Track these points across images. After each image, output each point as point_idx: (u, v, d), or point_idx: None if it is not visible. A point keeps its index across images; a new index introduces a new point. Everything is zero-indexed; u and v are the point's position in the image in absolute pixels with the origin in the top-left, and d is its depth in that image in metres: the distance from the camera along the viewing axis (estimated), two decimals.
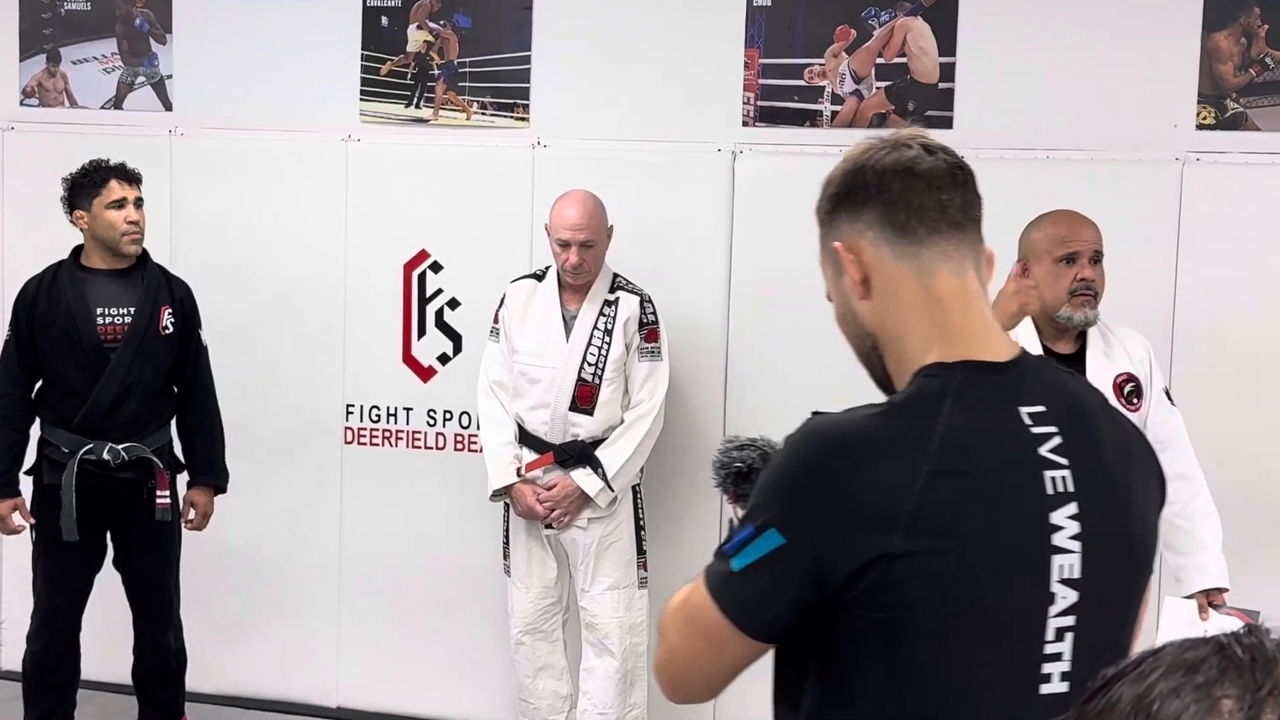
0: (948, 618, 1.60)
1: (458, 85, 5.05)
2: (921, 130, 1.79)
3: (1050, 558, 1.63)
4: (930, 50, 4.64)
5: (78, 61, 5.41)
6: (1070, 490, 1.65)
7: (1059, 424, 1.67)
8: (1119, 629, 1.74)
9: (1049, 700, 1.64)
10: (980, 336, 1.70)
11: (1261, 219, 4.43)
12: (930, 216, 1.69)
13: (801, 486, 1.63)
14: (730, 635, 1.66)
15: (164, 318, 4.54)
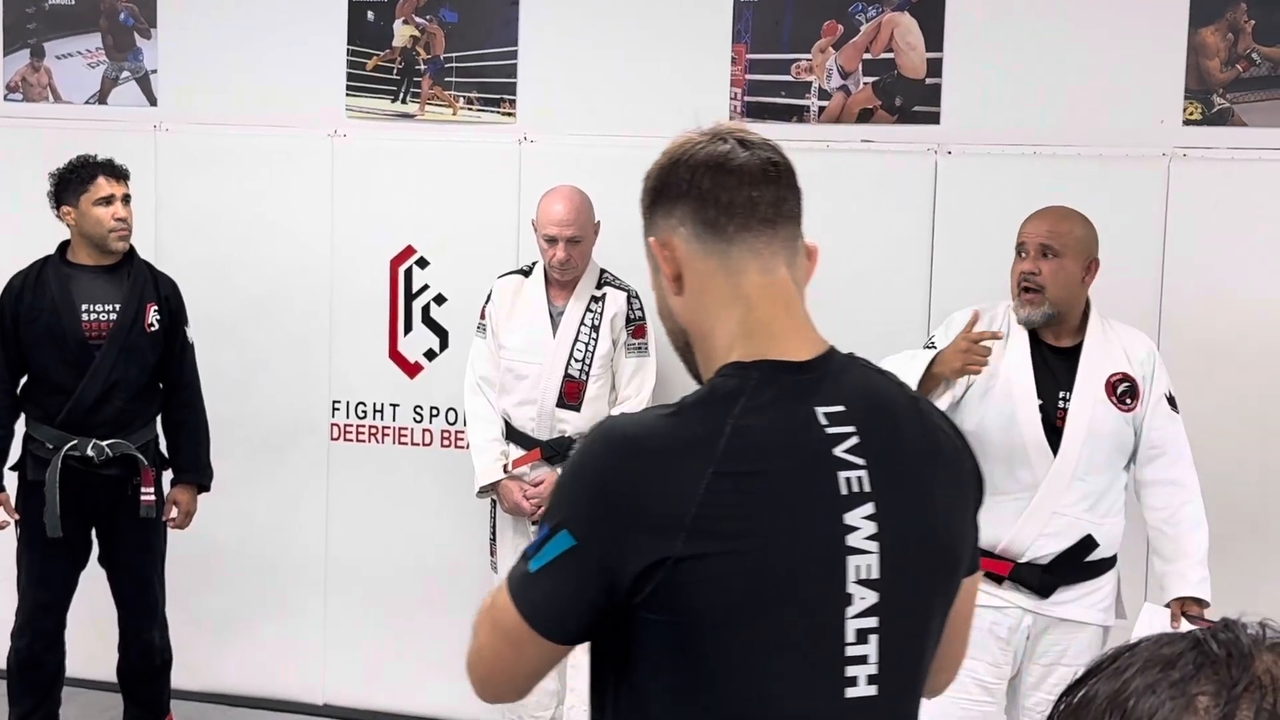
0: (737, 621, 1.57)
1: (444, 80, 5.03)
2: (742, 125, 1.78)
3: (845, 558, 1.60)
4: (917, 46, 4.63)
5: (62, 56, 5.39)
6: (866, 491, 1.62)
7: (857, 424, 1.64)
8: (929, 630, 1.71)
9: (856, 704, 1.62)
10: (784, 335, 1.68)
11: (1248, 214, 4.43)
12: (740, 213, 1.68)
13: (589, 488, 1.61)
14: (527, 636, 1.63)
15: (149, 315, 4.53)
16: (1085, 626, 3.62)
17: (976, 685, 3.68)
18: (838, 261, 4.70)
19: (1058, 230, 3.62)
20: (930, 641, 1.72)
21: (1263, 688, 0.81)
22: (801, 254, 1.75)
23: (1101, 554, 3.64)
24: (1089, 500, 3.59)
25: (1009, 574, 3.62)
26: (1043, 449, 3.59)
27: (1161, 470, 3.62)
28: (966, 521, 1.77)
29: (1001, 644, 3.66)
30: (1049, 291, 3.59)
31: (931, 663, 1.75)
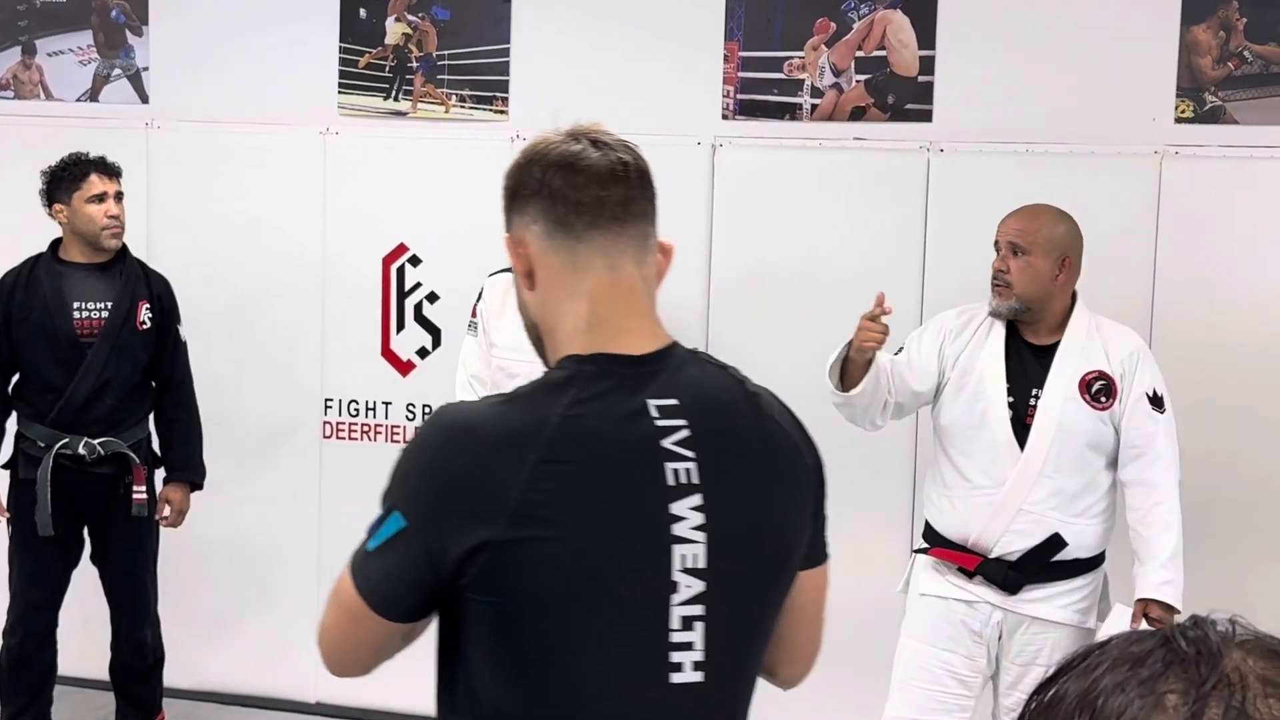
0: (558, 604, 1.63)
1: (436, 78, 5.03)
2: (600, 125, 1.83)
3: (671, 547, 1.65)
4: (910, 43, 4.63)
5: (53, 54, 5.38)
6: (695, 482, 1.67)
7: (690, 417, 1.69)
8: (758, 620, 1.77)
9: (682, 689, 1.68)
10: (625, 330, 1.74)
11: (1240, 212, 4.43)
12: (589, 212, 1.73)
13: (419, 472, 1.68)
14: (365, 613, 1.70)
15: (141, 313, 4.52)
16: (1060, 627, 3.61)
17: (951, 677, 3.69)
18: (830, 259, 4.72)
19: (1026, 229, 3.66)
20: (761, 631, 1.78)
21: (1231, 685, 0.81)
22: (653, 252, 1.80)
23: (1074, 554, 3.62)
24: (1058, 499, 3.59)
25: (976, 569, 3.64)
26: (1011, 446, 3.60)
27: (1138, 470, 3.62)
28: (802, 516, 1.82)
29: (975, 637, 3.67)
30: (1016, 287, 3.63)
31: (764, 652, 1.81)
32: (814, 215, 4.72)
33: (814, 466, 1.85)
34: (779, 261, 4.74)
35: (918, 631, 3.76)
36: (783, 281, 4.74)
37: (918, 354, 3.75)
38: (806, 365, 4.62)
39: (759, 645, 1.79)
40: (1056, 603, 3.63)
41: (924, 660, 3.72)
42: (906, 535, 4.57)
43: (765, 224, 4.76)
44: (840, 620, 4.87)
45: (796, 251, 4.73)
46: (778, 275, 4.75)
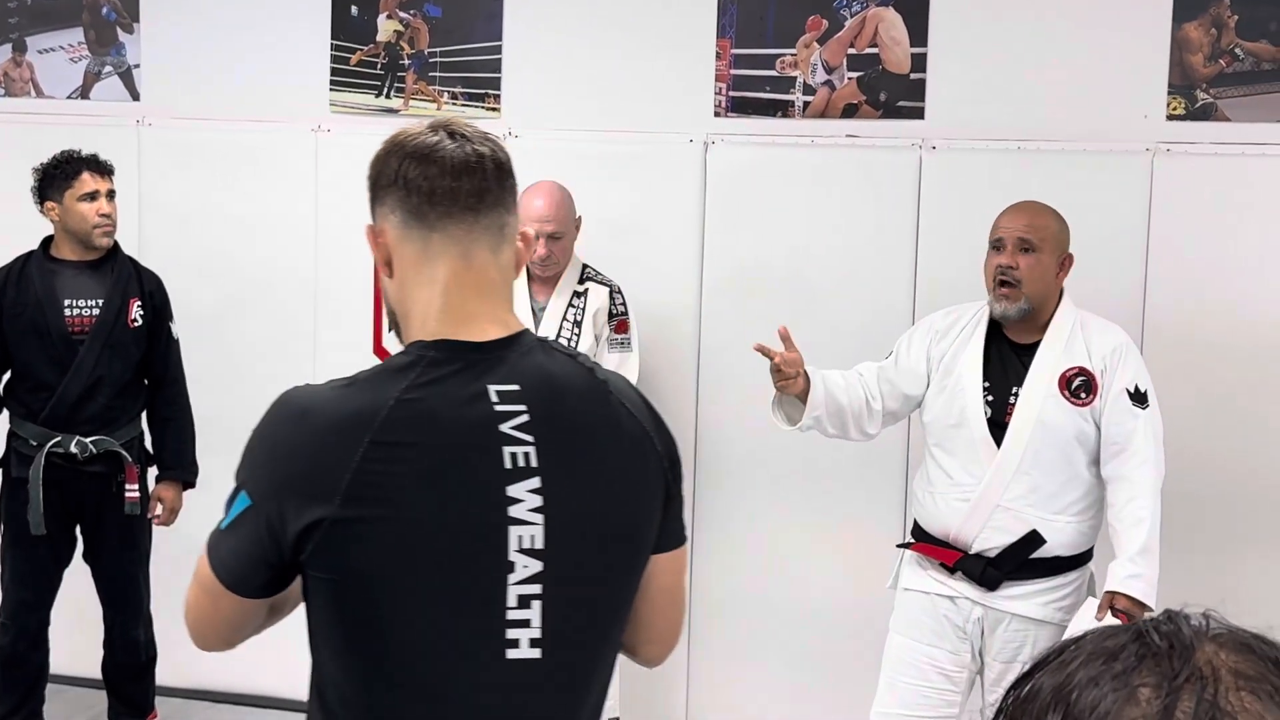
0: (392, 582, 1.69)
1: (428, 75, 5.02)
2: (458, 117, 1.90)
3: (507, 528, 1.72)
4: (902, 41, 4.63)
5: (44, 51, 5.36)
6: (533, 466, 1.73)
7: (530, 403, 1.75)
8: (603, 600, 1.82)
9: (519, 665, 1.74)
10: (472, 318, 1.80)
11: (1231, 209, 4.44)
12: (442, 202, 1.78)
13: (262, 452, 1.76)
14: (219, 589, 1.78)
15: (133, 310, 4.51)
16: (1042, 624, 3.60)
17: (938, 673, 3.70)
18: (822, 256, 4.73)
19: (1035, 225, 3.64)
20: (608, 611, 1.83)
21: (1203, 678, 0.82)
22: (511, 241, 1.85)
23: (1054, 552, 3.61)
24: (1037, 496, 3.58)
25: (955, 564, 3.64)
26: (988, 443, 3.60)
27: (1117, 466, 3.60)
28: (652, 501, 1.85)
29: (959, 632, 3.68)
30: (1026, 286, 3.60)
31: (616, 631, 1.86)
32: (806, 212, 4.72)
33: (665, 453, 1.88)
34: (771, 258, 4.74)
35: (904, 627, 3.76)
36: (775, 278, 4.74)
37: (907, 357, 3.75)
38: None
39: (607, 625, 1.84)
40: (1037, 600, 3.62)
41: (910, 655, 3.72)
42: (898, 534, 4.57)
43: (757, 221, 4.76)
44: (834, 618, 4.92)
45: (789, 248, 4.73)
46: (770, 272, 4.75)
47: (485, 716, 1.76)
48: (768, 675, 4.83)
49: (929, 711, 3.70)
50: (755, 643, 4.84)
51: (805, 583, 4.77)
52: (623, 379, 1.92)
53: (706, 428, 4.84)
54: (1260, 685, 0.82)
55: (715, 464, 4.84)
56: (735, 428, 4.81)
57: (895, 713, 3.73)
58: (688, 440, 4.85)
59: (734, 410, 4.81)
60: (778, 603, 4.80)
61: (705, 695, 4.93)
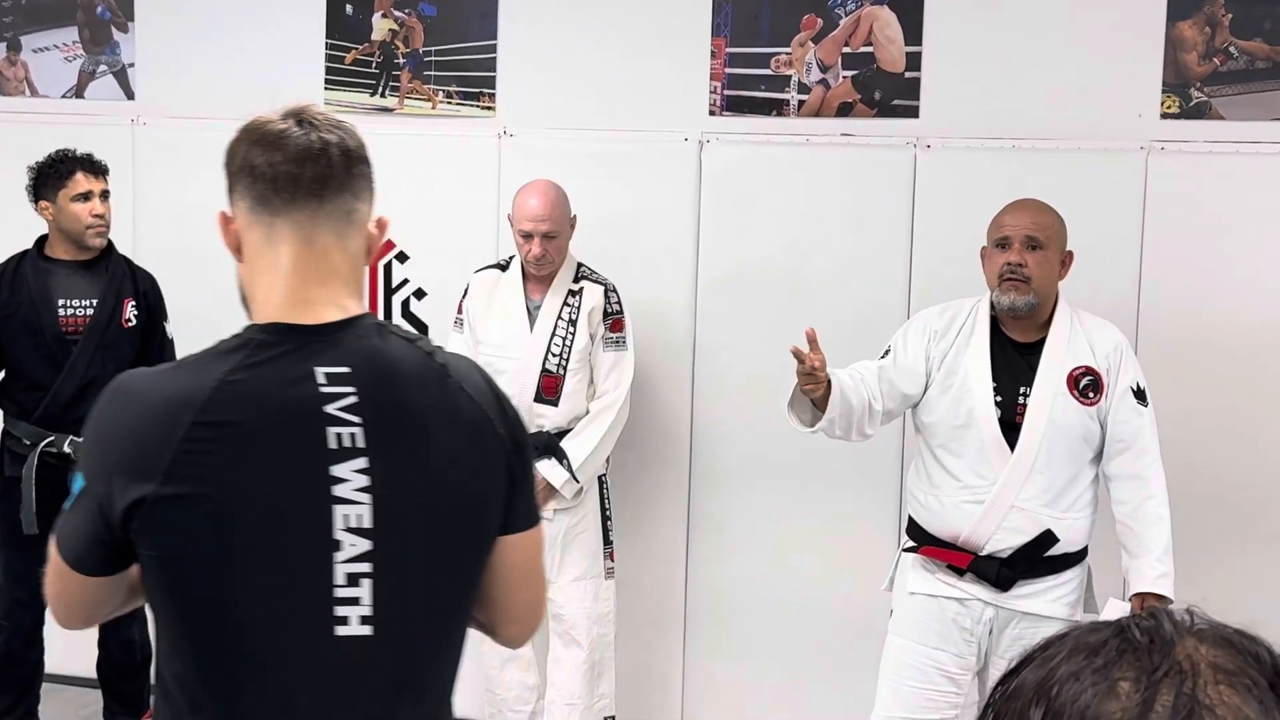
0: (215, 559, 1.73)
1: (423, 74, 5.02)
2: (314, 105, 1.92)
3: (332, 507, 1.75)
4: (896, 39, 4.64)
5: (39, 50, 5.36)
6: (359, 446, 1.77)
7: (360, 385, 1.78)
8: (440, 579, 1.84)
9: (349, 641, 1.77)
10: (309, 301, 1.83)
11: (1225, 208, 4.44)
12: (285, 189, 1.82)
13: (92, 435, 1.81)
14: (65, 567, 1.83)
15: (127, 310, 4.51)
16: (1050, 621, 3.61)
17: (942, 676, 3.70)
18: (817, 255, 4.73)
19: (1042, 222, 3.65)
20: (444, 591, 1.85)
21: (1183, 673, 0.83)
22: (359, 226, 1.90)
23: (1064, 549, 3.63)
24: (1049, 495, 3.60)
25: (968, 567, 3.64)
26: (1000, 445, 3.60)
27: (1126, 464, 3.63)
28: (493, 483, 1.87)
29: (966, 635, 3.67)
30: (1035, 283, 3.61)
31: (459, 611, 1.89)
32: (801, 211, 4.72)
33: (509, 436, 1.89)
34: (766, 257, 4.75)
35: (907, 630, 3.75)
36: (770, 277, 4.74)
37: (905, 356, 3.73)
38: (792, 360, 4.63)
39: (445, 604, 1.87)
40: (1047, 597, 3.64)
41: (914, 659, 3.72)
42: (893, 534, 4.58)
43: (752, 220, 4.77)
44: (829, 616, 4.92)
45: (783, 247, 4.73)
46: (765, 271, 4.75)
47: (317, 693, 1.79)
48: (763, 674, 4.83)
49: (933, 714, 3.70)
50: (750, 642, 4.84)
51: (800, 581, 4.77)
52: (469, 363, 1.95)
53: (701, 426, 4.84)
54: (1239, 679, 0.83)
55: (710, 462, 4.84)
56: (730, 426, 4.81)
57: (899, 716, 3.72)
58: (683, 438, 4.85)
59: (729, 408, 4.81)
60: (772, 601, 4.81)
61: (700, 694, 4.93)
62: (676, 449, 4.86)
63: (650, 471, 4.85)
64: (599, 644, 4.50)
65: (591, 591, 4.50)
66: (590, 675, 4.49)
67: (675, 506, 4.87)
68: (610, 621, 4.53)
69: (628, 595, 4.71)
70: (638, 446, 4.74)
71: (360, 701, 1.81)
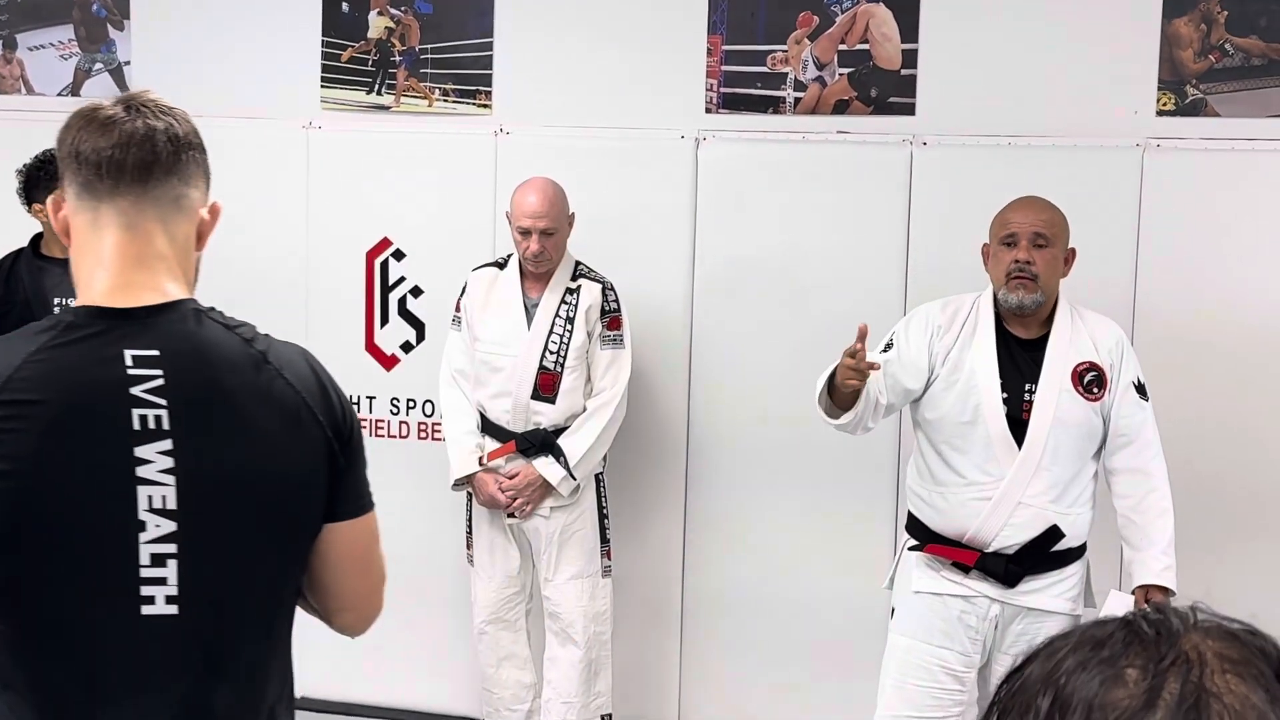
0: (19, 537, 1.74)
1: (419, 72, 5.02)
2: (148, 92, 1.96)
3: (135, 488, 1.78)
4: (892, 36, 4.64)
5: (34, 48, 5.36)
6: (164, 428, 1.79)
7: (168, 368, 1.81)
8: (248, 562, 1.87)
9: (156, 621, 1.80)
10: (129, 286, 1.85)
11: (1221, 204, 4.45)
12: (110, 174, 1.85)
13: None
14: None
15: None
16: (1053, 616, 3.62)
17: (947, 674, 3.70)
18: (813, 252, 4.73)
19: (1048, 219, 3.67)
20: (254, 573, 1.88)
21: (1189, 663, 0.84)
22: (187, 212, 1.92)
23: (1068, 544, 3.64)
24: (1055, 491, 3.60)
25: (975, 564, 3.64)
26: (1007, 442, 3.60)
27: (1129, 459, 3.64)
28: (311, 470, 1.90)
29: (971, 633, 3.68)
30: (1041, 280, 3.62)
31: (269, 593, 1.92)
32: (797, 208, 4.72)
33: (328, 424, 1.91)
34: (762, 254, 4.75)
35: (911, 629, 3.74)
36: (766, 274, 4.74)
37: (908, 350, 3.72)
38: (789, 357, 4.64)
39: (257, 587, 1.90)
40: (1051, 592, 3.65)
41: (918, 658, 3.71)
42: (890, 531, 4.58)
43: (748, 217, 4.77)
44: (825, 613, 4.92)
45: (780, 244, 4.73)
46: (761, 268, 4.75)
47: (125, 671, 1.82)
48: (759, 671, 4.83)
49: (938, 713, 3.70)
50: (747, 637, 4.84)
51: (796, 578, 4.78)
52: (295, 351, 1.97)
53: (698, 424, 4.84)
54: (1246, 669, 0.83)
55: (707, 460, 4.84)
56: (727, 423, 4.81)
57: (905, 715, 3.72)
58: (680, 436, 4.85)
59: (726, 405, 4.81)
60: (769, 599, 4.81)
61: (697, 690, 4.93)
62: (673, 447, 4.86)
63: (647, 469, 4.85)
64: (595, 642, 4.50)
65: (588, 590, 4.50)
66: (587, 674, 4.49)
67: (672, 504, 4.87)
68: (607, 620, 4.53)
69: (624, 593, 4.71)
70: (635, 444, 4.75)
71: (169, 680, 1.83)
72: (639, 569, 4.85)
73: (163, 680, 1.83)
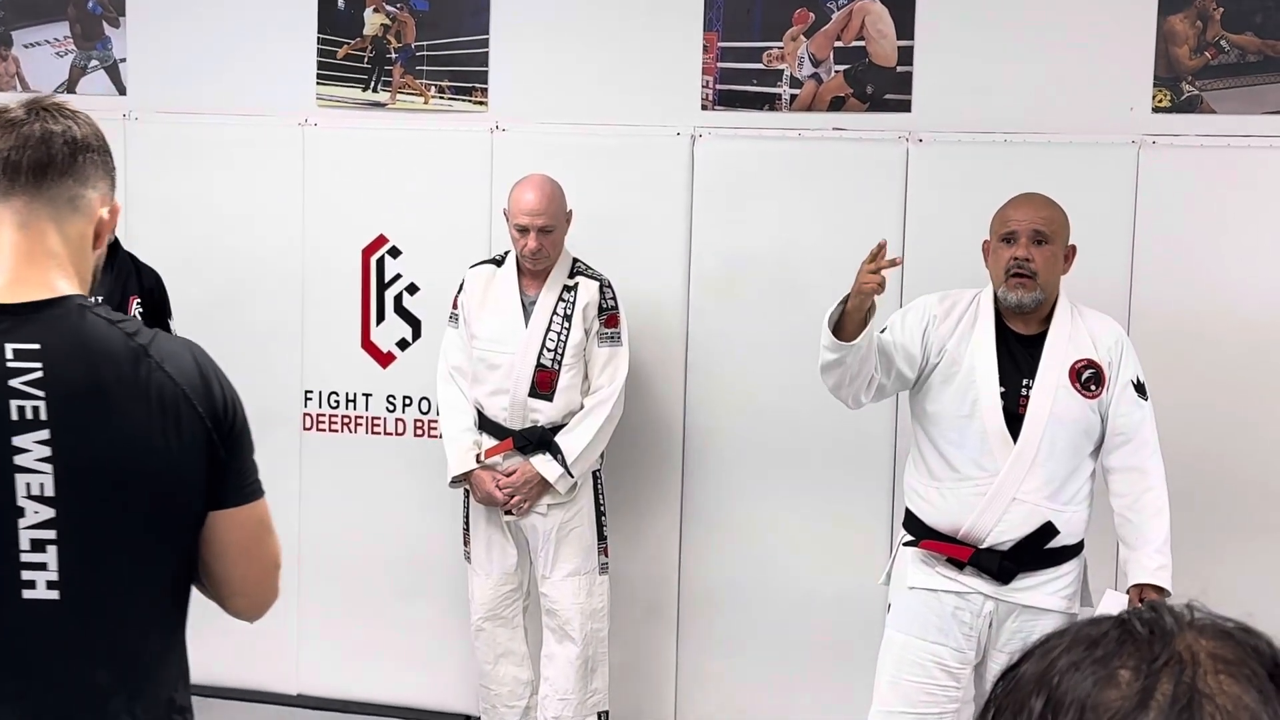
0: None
1: (415, 69, 5.02)
2: (53, 96, 2.03)
3: (14, 476, 1.86)
4: (888, 34, 4.64)
5: (30, 45, 5.35)
6: (42, 419, 1.87)
7: (47, 361, 1.87)
8: (128, 548, 1.93)
9: (37, 605, 1.88)
10: (18, 282, 1.92)
11: (1217, 201, 4.45)
12: (7, 175, 1.93)
13: None
14: None
15: (131, 307, 4.50)
16: (1048, 613, 3.62)
17: (941, 670, 3.70)
18: (809, 249, 4.73)
19: (1048, 217, 3.67)
20: (135, 559, 1.94)
21: (1183, 663, 0.84)
22: (85, 213, 1.99)
23: (1063, 541, 3.64)
24: (1050, 488, 3.60)
25: (969, 560, 3.64)
26: (1003, 437, 3.60)
27: (1126, 457, 3.65)
28: (188, 459, 1.96)
29: (966, 629, 3.68)
30: (1041, 278, 3.62)
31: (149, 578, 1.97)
32: (793, 205, 4.73)
33: (208, 414, 1.98)
34: (758, 251, 4.75)
35: (906, 625, 3.74)
36: (762, 271, 4.74)
37: (902, 335, 3.71)
38: (785, 353, 4.64)
39: (140, 572, 1.97)
40: (1046, 589, 3.64)
41: (913, 654, 3.71)
42: (886, 527, 4.58)
43: (744, 214, 4.77)
44: (822, 609, 4.92)
45: (776, 241, 4.73)
46: (757, 265, 4.75)
47: (6, 654, 1.89)
48: (756, 667, 4.84)
49: (933, 709, 3.70)
50: (743, 634, 4.85)
51: (793, 574, 4.78)
52: (179, 344, 2.04)
53: (695, 421, 4.85)
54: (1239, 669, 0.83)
55: (703, 456, 4.85)
56: (723, 419, 4.82)
57: (899, 711, 3.72)
58: (676, 433, 4.85)
59: (722, 402, 4.81)
60: (766, 594, 4.81)
61: (694, 687, 4.94)
62: (670, 444, 4.86)
63: (644, 466, 4.85)
64: (592, 639, 4.51)
65: (585, 587, 4.50)
66: (584, 670, 4.50)
67: (669, 501, 4.87)
68: (604, 617, 4.54)
69: (621, 590, 4.71)
70: (632, 441, 4.75)
71: (52, 664, 1.90)
72: (636, 566, 4.85)
73: (48, 665, 1.90)
